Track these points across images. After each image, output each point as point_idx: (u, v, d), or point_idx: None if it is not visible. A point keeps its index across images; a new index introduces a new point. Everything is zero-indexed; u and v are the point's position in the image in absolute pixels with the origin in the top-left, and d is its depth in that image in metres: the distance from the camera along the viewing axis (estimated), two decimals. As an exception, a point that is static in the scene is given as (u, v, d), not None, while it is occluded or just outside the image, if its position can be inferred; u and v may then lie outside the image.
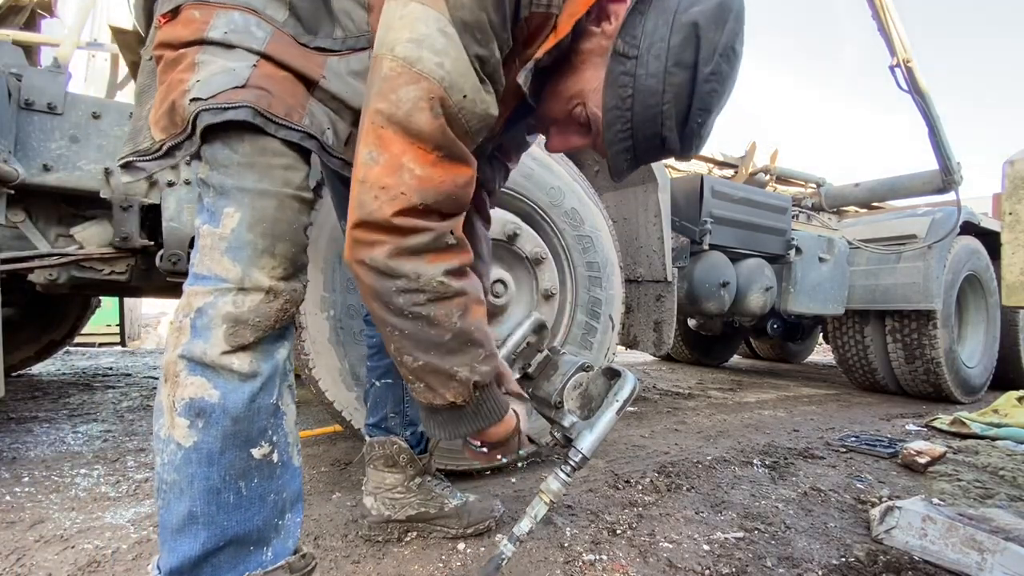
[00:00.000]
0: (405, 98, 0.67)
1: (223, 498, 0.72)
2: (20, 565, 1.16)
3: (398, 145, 0.68)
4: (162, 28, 0.78)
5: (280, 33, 0.78)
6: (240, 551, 0.74)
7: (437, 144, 0.69)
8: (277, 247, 0.75)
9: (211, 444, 0.71)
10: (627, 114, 0.77)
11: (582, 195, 2.00)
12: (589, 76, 0.80)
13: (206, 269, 0.74)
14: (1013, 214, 1.77)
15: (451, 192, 0.71)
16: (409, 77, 0.67)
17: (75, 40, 1.97)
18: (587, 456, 0.99)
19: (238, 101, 0.71)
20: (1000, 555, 1.22)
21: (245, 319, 0.72)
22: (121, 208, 1.71)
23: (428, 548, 1.30)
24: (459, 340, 0.75)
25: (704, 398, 3.85)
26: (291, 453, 0.80)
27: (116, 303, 5.20)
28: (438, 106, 0.67)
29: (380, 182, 0.67)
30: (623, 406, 1.01)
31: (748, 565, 1.28)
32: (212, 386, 0.71)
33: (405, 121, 0.67)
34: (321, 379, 1.56)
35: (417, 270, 0.69)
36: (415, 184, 0.68)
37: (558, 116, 0.86)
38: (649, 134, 0.78)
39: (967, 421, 2.88)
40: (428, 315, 0.72)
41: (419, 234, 0.69)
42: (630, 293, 2.74)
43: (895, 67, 3.39)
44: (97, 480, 1.72)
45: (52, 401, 2.85)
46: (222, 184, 0.74)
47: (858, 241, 4.01)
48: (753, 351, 7.17)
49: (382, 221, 0.67)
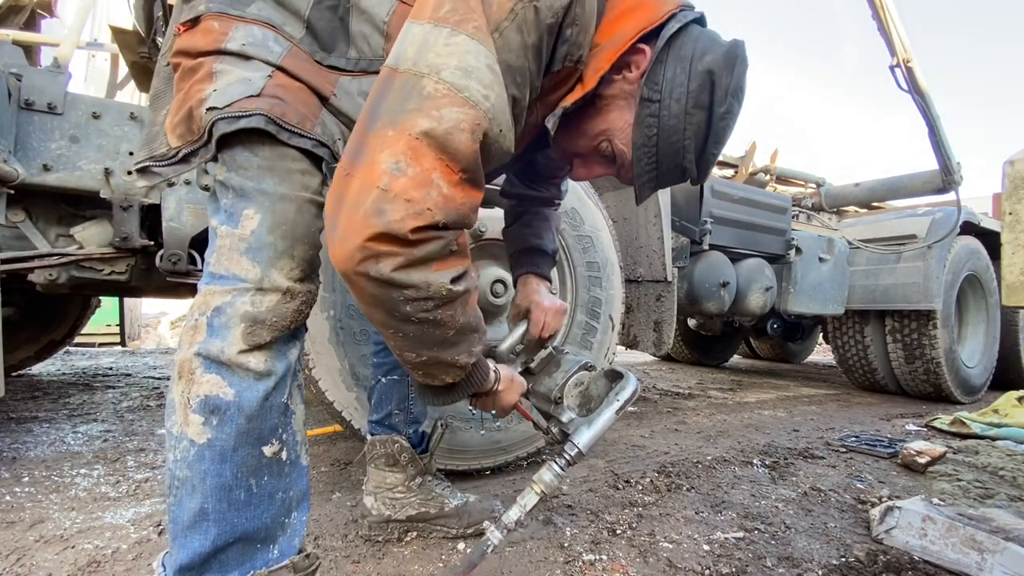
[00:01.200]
0: (448, 118, 0.67)
1: (234, 495, 0.73)
2: (20, 565, 1.16)
3: (430, 160, 0.67)
4: (180, 36, 0.80)
5: (297, 49, 0.81)
6: (248, 548, 0.75)
7: (465, 167, 0.69)
8: (296, 249, 0.77)
9: (224, 441, 0.72)
10: (653, 150, 0.86)
11: (581, 195, 2.00)
12: (614, 117, 0.88)
13: (224, 269, 0.75)
14: (1013, 214, 1.77)
15: (466, 215, 0.72)
16: (455, 100, 0.68)
17: (75, 40, 1.97)
18: (583, 451, 0.99)
19: (252, 109, 0.73)
20: (1000, 555, 1.22)
21: (263, 319, 0.74)
22: (121, 208, 1.71)
23: (428, 548, 1.30)
24: (461, 334, 0.78)
25: (704, 398, 3.85)
26: (299, 452, 0.82)
27: (116, 303, 5.20)
28: (480, 133, 0.69)
29: (406, 194, 0.65)
30: (623, 406, 1.02)
31: (748, 565, 1.28)
32: (227, 384, 0.72)
33: (444, 139, 0.67)
34: (321, 379, 1.56)
35: (427, 279, 0.69)
36: (441, 202, 0.67)
37: (583, 151, 0.94)
38: (672, 166, 0.87)
39: (967, 421, 2.88)
40: (435, 319, 0.73)
41: (427, 244, 0.68)
42: (630, 293, 2.74)
43: (895, 67, 3.39)
44: (97, 480, 1.72)
45: (52, 401, 2.85)
46: (242, 186, 0.75)
47: (858, 241, 4.01)
48: (753, 351, 7.17)
49: (400, 235, 0.65)
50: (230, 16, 0.78)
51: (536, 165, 1.25)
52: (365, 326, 1.59)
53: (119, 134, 1.71)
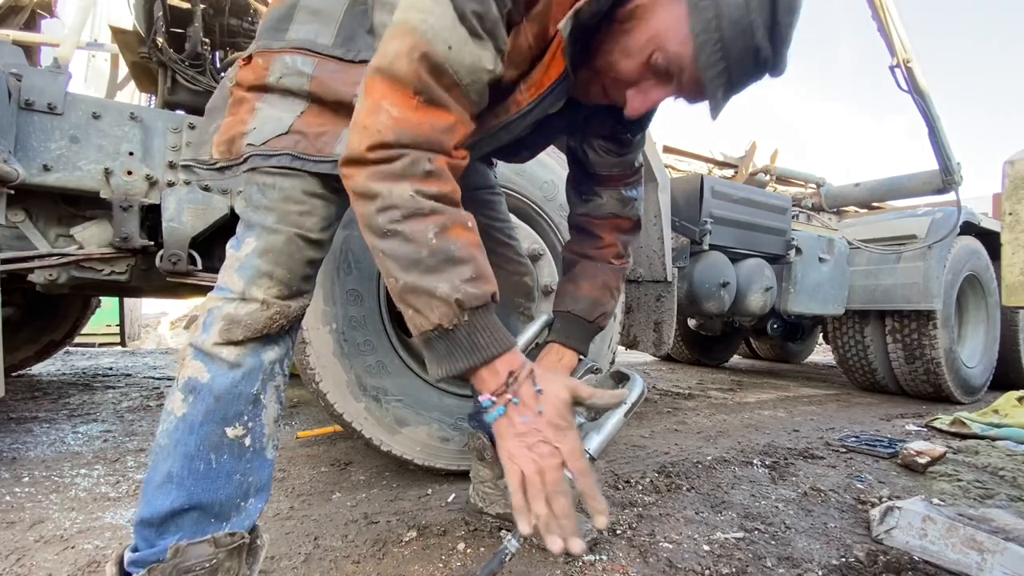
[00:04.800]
0: (391, 50, 0.75)
1: (195, 464, 0.82)
2: (20, 565, 1.16)
3: (379, 89, 0.75)
4: (241, 69, 0.95)
5: (324, 61, 0.91)
6: (203, 519, 0.83)
7: (417, 89, 0.75)
8: (276, 272, 0.89)
9: (195, 416, 0.83)
10: (715, 35, 0.77)
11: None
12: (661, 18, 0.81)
13: (223, 281, 0.90)
14: (1013, 214, 1.77)
15: (429, 135, 0.76)
16: (396, 33, 0.76)
17: (75, 40, 1.97)
18: (594, 456, 0.98)
19: (280, 149, 0.88)
20: (1000, 555, 1.22)
21: (239, 320, 0.86)
22: (121, 208, 1.71)
23: (428, 548, 1.30)
24: (437, 258, 0.74)
25: (704, 398, 3.85)
26: (265, 444, 0.90)
27: (116, 303, 5.19)
28: (416, 53, 0.74)
29: (362, 122, 0.75)
30: (631, 408, 1.02)
31: (748, 565, 1.28)
32: (206, 369, 0.84)
33: (388, 68, 0.74)
34: (329, 392, 1.55)
35: (390, 188, 0.74)
36: (391, 124, 0.73)
37: (634, 76, 0.87)
38: (741, 49, 0.77)
39: (967, 421, 2.88)
40: (403, 231, 0.75)
41: (392, 161, 0.74)
42: (630, 293, 2.74)
43: (895, 67, 3.39)
44: (97, 480, 1.72)
45: (52, 401, 2.85)
46: (250, 220, 0.91)
47: (858, 241, 4.01)
48: (753, 351, 7.17)
49: (358, 156, 0.74)
50: (271, 51, 0.93)
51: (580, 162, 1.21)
52: (368, 336, 1.60)
53: (119, 134, 1.71)
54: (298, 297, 0.92)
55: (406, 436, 1.66)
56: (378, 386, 1.62)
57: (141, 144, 1.73)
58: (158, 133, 1.76)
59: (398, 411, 1.65)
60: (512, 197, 1.87)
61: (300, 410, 2.86)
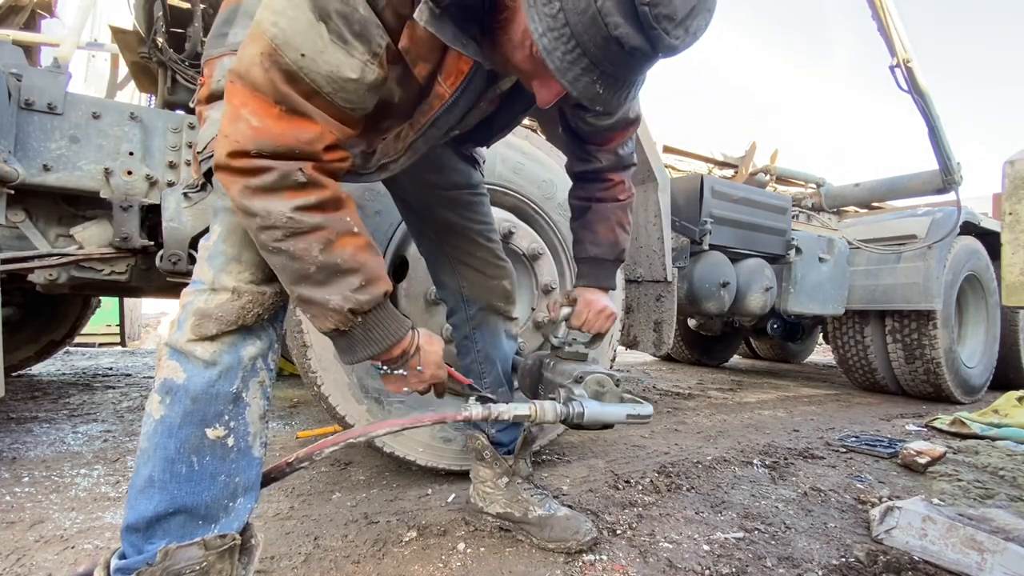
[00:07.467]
0: (246, 55, 0.73)
1: (176, 468, 0.80)
2: (20, 565, 1.16)
3: (239, 97, 0.73)
4: (199, 89, 0.97)
5: None
6: (189, 522, 0.81)
7: (276, 99, 0.73)
8: (244, 255, 0.85)
9: (173, 419, 0.80)
10: (565, 31, 0.69)
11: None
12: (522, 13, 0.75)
13: (195, 274, 0.87)
14: (1013, 214, 1.77)
15: (293, 145, 0.74)
16: (251, 37, 0.73)
17: (75, 40, 1.97)
18: (584, 415, 1.01)
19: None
20: (1000, 555, 1.22)
21: (211, 313, 0.82)
22: (121, 208, 1.71)
23: (428, 548, 1.30)
24: (325, 272, 0.78)
25: (704, 398, 3.85)
26: (251, 443, 0.87)
27: (116, 303, 5.20)
28: (267, 61, 0.71)
29: (223, 130, 0.74)
30: (634, 414, 1.05)
31: (748, 565, 1.28)
32: (182, 369, 0.81)
33: (245, 75, 0.73)
34: (331, 395, 1.56)
35: (267, 207, 0.74)
36: (251, 133, 0.72)
37: (528, 66, 0.81)
38: (600, 41, 0.69)
39: (967, 421, 2.88)
40: (288, 250, 0.76)
41: (261, 174, 0.73)
42: (630, 293, 2.74)
43: (895, 67, 3.39)
44: (97, 480, 1.72)
45: (52, 401, 2.85)
46: (215, 206, 0.89)
47: (858, 241, 4.01)
48: (753, 351, 7.16)
49: (222, 164, 0.74)
50: (212, 58, 0.94)
51: (574, 131, 1.24)
52: None
53: (119, 134, 1.71)
54: (273, 282, 0.86)
55: (408, 437, 1.66)
56: (380, 388, 1.62)
57: (141, 144, 1.73)
58: (158, 133, 1.76)
59: (400, 412, 1.65)
60: (511, 196, 1.87)
61: (300, 410, 2.86)
